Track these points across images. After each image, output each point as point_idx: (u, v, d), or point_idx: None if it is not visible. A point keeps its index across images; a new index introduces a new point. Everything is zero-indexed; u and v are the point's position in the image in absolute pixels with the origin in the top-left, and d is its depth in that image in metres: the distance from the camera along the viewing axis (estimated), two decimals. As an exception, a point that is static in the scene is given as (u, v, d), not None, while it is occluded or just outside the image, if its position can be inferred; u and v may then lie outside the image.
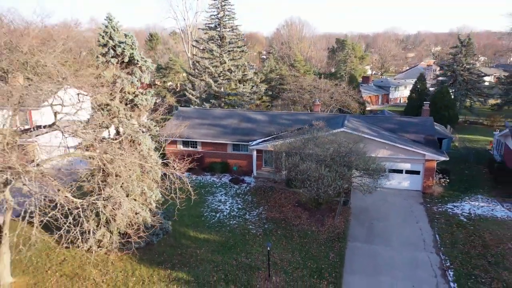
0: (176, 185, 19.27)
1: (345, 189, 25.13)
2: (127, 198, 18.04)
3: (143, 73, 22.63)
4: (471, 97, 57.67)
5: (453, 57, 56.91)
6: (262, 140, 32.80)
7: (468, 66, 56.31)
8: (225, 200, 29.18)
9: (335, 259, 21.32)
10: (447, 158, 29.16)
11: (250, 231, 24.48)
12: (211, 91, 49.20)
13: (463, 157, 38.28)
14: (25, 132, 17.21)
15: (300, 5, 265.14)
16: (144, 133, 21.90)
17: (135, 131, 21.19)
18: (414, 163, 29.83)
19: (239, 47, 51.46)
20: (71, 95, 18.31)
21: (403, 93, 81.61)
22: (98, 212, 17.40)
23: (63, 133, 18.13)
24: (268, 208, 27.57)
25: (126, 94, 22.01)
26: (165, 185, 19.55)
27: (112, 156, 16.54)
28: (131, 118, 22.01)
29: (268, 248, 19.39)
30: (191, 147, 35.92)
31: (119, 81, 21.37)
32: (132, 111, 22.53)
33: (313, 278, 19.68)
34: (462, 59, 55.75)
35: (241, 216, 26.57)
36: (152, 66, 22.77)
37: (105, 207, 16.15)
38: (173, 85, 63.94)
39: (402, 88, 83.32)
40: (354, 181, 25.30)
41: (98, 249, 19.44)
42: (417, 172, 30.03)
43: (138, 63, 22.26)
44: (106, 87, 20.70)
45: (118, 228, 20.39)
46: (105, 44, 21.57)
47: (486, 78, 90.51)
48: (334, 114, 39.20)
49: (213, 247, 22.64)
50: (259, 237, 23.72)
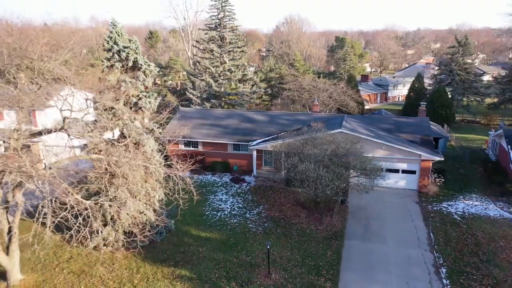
0: (179, 186, 20.02)
1: (343, 189, 25.81)
2: (132, 199, 18.79)
3: (147, 77, 23.31)
4: (468, 96, 58.32)
5: (451, 57, 57.54)
6: (262, 140, 33.50)
7: (465, 66, 56.98)
8: (226, 199, 29.92)
9: (333, 257, 22.08)
10: (442, 158, 29.92)
11: (251, 230, 25.24)
12: (212, 91, 49.85)
13: (459, 157, 39.01)
14: (37, 135, 17.91)
15: (300, 2, 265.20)
16: (148, 135, 22.61)
17: (139, 133, 21.92)
18: (410, 163, 30.59)
19: (239, 47, 52.10)
20: (79, 100, 19.03)
21: (402, 92, 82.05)
22: (105, 212, 18.16)
23: (69, 135, 18.87)
24: (268, 207, 28.33)
25: (130, 97, 22.73)
26: (169, 186, 20.28)
27: (118, 159, 17.25)
28: (135, 120, 22.77)
29: (268, 247, 20.16)
30: (193, 147, 36.61)
31: (124, 85, 22.09)
32: (136, 114, 23.29)
33: (311, 275, 20.46)
34: (459, 59, 56.44)
35: (242, 215, 27.33)
36: (156, 70, 23.45)
37: (111, 207, 16.88)
38: (174, 84, 64.56)
39: (401, 87, 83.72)
40: (351, 181, 26.04)
41: (105, 248, 20.16)
42: (413, 172, 30.78)
43: (142, 67, 22.93)
44: (111, 91, 21.44)
45: (123, 227, 21.19)
46: (110, 49, 22.25)
47: (485, 76, 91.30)
48: (333, 114, 39.86)
49: (215, 245, 23.38)
50: (259, 236, 24.48)
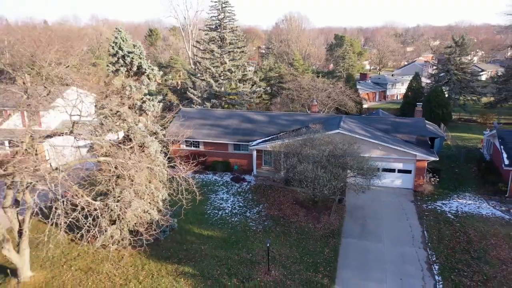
0: (183, 187, 20.87)
1: (340, 188, 26.63)
2: (138, 199, 19.64)
3: (151, 81, 24.10)
4: (465, 96, 59.10)
5: (448, 56, 58.28)
6: (262, 141, 34.33)
7: (462, 66, 57.72)
8: (227, 198, 30.78)
9: (330, 254, 22.97)
10: (437, 158, 30.77)
11: (251, 228, 26.12)
12: (212, 91, 50.60)
13: (454, 156, 39.86)
14: (48, 138, 18.73)
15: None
16: (152, 137, 23.42)
17: (144, 136, 22.74)
18: (406, 163, 31.45)
19: (239, 48, 52.82)
20: (86, 104, 19.83)
21: (400, 90, 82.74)
22: (112, 212, 19.01)
23: (78, 139, 19.69)
24: (268, 206, 29.20)
25: (135, 101, 23.53)
26: (173, 187, 21.13)
27: (125, 161, 18.08)
28: (139, 123, 23.58)
29: (268, 244, 21.08)
30: (194, 147, 37.44)
31: (128, 89, 22.89)
32: (140, 116, 24.10)
33: (309, 272, 21.35)
34: (456, 59, 57.18)
35: (242, 214, 28.20)
36: (159, 74, 24.24)
37: (120, 208, 17.73)
38: (174, 83, 65.21)
39: (399, 85, 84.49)
40: (349, 181, 26.89)
41: (112, 246, 21.03)
42: (409, 171, 31.64)
43: (146, 72, 23.73)
44: (116, 95, 22.24)
45: (128, 226, 22.04)
46: (115, 54, 23.04)
47: (483, 74, 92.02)
48: (331, 115, 40.66)
49: (217, 243, 24.27)
50: (259, 234, 25.35)
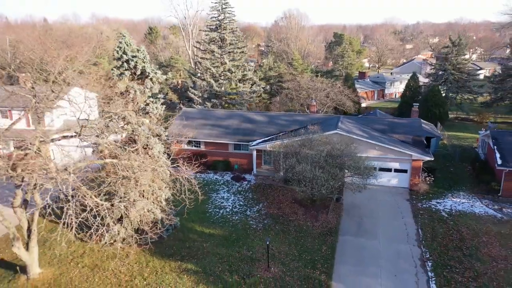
0: (186, 187, 21.68)
1: (338, 187, 27.41)
2: (143, 199, 20.45)
3: (154, 84, 24.87)
4: (462, 95, 59.85)
5: (445, 56, 58.99)
6: (262, 141, 35.11)
7: (459, 66, 58.44)
8: (228, 197, 31.60)
9: (327, 252, 23.82)
10: (432, 158, 31.58)
11: (251, 226, 26.95)
12: (212, 91, 51.33)
13: (450, 155, 40.68)
14: (56, 140, 19.52)
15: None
16: (155, 139, 24.19)
17: (147, 137, 23.52)
18: (402, 163, 32.26)
19: (239, 48, 53.52)
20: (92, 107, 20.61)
21: (399, 89, 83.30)
22: (119, 212, 19.83)
23: (85, 141, 20.48)
24: (267, 205, 30.02)
25: (139, 103, 24.30)
26: (176, 187, 21.93)
27: (130, 163, 18.87)
28: (143, 125, 24.35)
29: (267, 242, 21.93)
30: (195, 147, 38.22)
31: (132, 92, 23.66)
32: (144, 118, 24.86)
33: (308, 269, 22.19)
34: (453, 59, 57.91)
35: (243, 212, 29.02)
36: (163, 78, 24.98)
37: (125, 208, 18.54)
38: (175, 82, 65.91)
39: (398, 83, 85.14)
40: (346, 180, 27.70)
41: (118, 244, 21.83)
42: (405, 171, 32.46)
43: (149, 75, 24.50)
44: (121, 98, 23.01)
45: (133, 225, 22.85)
46: (119, 58, 23.81)
47: (481, 72, 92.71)
48: (329, 115, 41.41)
49: (218, 241, 25.10)
50: (259, 232, 26.19)
